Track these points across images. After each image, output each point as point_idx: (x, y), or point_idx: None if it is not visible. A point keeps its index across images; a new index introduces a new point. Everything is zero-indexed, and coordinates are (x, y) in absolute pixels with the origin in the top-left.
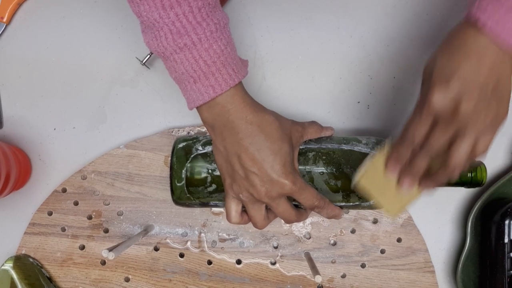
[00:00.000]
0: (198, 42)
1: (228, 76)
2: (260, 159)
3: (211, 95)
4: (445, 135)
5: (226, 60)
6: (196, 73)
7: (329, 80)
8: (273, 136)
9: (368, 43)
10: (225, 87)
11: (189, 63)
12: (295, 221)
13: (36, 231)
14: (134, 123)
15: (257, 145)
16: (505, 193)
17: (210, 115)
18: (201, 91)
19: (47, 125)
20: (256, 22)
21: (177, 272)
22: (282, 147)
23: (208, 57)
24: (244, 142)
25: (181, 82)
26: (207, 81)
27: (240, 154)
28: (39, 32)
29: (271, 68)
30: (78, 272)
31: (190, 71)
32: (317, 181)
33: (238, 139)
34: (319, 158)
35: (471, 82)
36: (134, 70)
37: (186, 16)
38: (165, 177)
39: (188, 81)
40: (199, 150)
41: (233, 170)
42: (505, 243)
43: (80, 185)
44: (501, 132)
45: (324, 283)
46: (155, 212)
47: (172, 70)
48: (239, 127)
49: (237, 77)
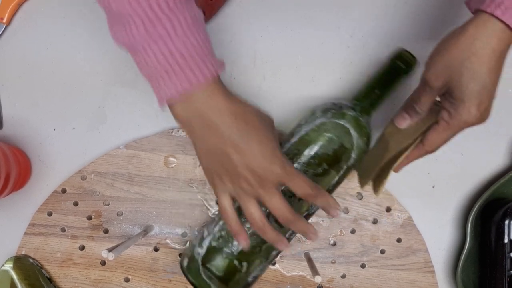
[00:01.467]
0: (174, 34)
1: (206, 69)
2: (247, 150)
3: (187, 88)
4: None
5: (204, 54)
6: (171, 66)
7: (329, 80)
8: (257, 126)
9: (368, 43)
10: (202, 79)
11: (164, 56)
12: (290, 220)
13: (36, 232)
14: (134, 123)
15: (242, 137)
16: (505, 193)
17: (187, 114)
18: (176, 85)
19: (47, 126)
20: (256, 22)
21: (177, 272)
22: (267, 135)
23: (185, 50)
24: (228, 136)
25: (152, 77)
26: (184, 75)
27: (225, 149)
28: (39, 32)
29: (271, 68)
30: (78, 273)
31: (164, 64)
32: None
33: (221, 134)
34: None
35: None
36: (134, 71)
37: (160, 6)
38: (165, 178)
39: (162, 76)
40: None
41: (221, 167)
42: (505, 243)
43: (80, 186)
44: (501, 132)
45: (324, 283)
46: (155, 213)
47: (143, 64)
48: (221, 121)
49: (215, 70)
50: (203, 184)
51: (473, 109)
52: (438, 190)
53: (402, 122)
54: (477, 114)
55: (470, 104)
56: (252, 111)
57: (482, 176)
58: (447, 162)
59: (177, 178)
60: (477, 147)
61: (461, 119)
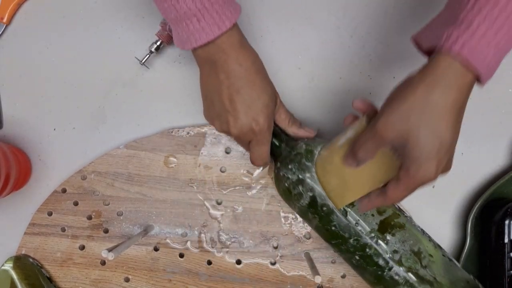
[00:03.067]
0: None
1: (229, 13)
2: (237, 101)
3: (216, 33)
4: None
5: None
6: (200, 11)
7: (329, 80)
8: (256, 84)
9: (368, 43)
10: (228, 24)
11: (193, 2)
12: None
13: (36, 231)
14: (134, 123)
15: (238, 86)
16: (505, 193)
17: (205, 55)
18: (206, 30)
19: (47, 125)
20: (256, 22)
21: (177, 272)
22: (261, 97)
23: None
24: (227, 81)
25: (180, 21)
26: (212, 19)
27: (221, 91)
28: (39, 32)
29: (271, 68)
30: (78, 272)
31: (193, 9)
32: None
33: (223, 77)
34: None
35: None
36: (134, 70)
37: None
38: (165, 177)
39: (191, 20)
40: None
41: (212, 104)
42: (505, 243)
43: (80, 185)
44: (501, 132)
45: (324, 283)
46: (155, 212)
47: (172, 9)
48: (228, 67)
49: (236, 13)
50: (203, 184)
51: (432, 169)
52: (438, 190)
53: (347, 163)
54: (437, 172)
55: (429, 165)
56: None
57: (482, 176)
58: None
59: (177, 178)
60: (477, 147)
61: (419, 178)
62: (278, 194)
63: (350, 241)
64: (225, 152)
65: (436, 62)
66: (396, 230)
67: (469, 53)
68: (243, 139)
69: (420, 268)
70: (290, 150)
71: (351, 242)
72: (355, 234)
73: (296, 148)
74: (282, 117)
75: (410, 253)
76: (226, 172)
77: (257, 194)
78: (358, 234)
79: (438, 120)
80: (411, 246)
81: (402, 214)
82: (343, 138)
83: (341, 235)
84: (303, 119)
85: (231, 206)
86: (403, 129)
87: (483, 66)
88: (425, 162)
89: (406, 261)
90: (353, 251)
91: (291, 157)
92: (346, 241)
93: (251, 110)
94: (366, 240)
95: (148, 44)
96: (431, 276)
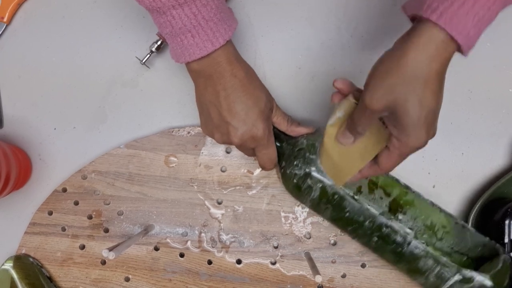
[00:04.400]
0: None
1: (224, 30)
2: (235, 111)
3: (210, 49)
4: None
5: (221, 15)
6: (195, 28)
7: (330, 80)
8: (251, 93)
9: (368, 43)
10: (222, 41)
11: (188, 18)
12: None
13: (36, 231)
14: (134, 123)
15: (234, 98)
16: (505, 193)
17: (199, 68)
18: (199, 46)
19: (47, 125)
20: (256, 22)
21: (177, 272)
22: (257, 104)
23: (206, 12)
24: (224, 93)
25: (176, 37)
26: (206, 35)
27: (218, 103)
28: (39, 32)
29: (271, 68)
30: (78, 272)
31: (188, 26)
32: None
33: (218, 90)
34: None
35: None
36: (134, 70)
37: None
38: (165, 177)
39: (185, 36)
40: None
41: (210, 118)
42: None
43: (81, 185)
44: (501, 132)
45: (324, 283)
46: (155, 212)
47: (167, 25)
48: (223, 79)
49: (231, 30)
50: (203, 184)
51: (423, 135)
52: (439, 190)
53: (345, 140)
54: (426, 138)
55: (419, 131)
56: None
57: (482, 176)
58: (447, 162)
59: (178, 177)
60: (477, 147)
61: (411, 145)
62: (278, 194)
63: (366, 224)
64: (225, 152)
65: (417, 31)
66: (406, 208)
67: (448, 22)
68: (245, 146)
69: (437, 241)
70: (292, 147)
71: (367, 224)
72: (370, 216)
73: (298, 144)
74: (280, 119)
75: (424, 228)
76: (227, 172)
77: (257, 193)
78: (372, 215)
79: (423, 88)
80: (423, 221)
81: (409, 190)
82: (333, 119)
83: (355, 220)
84: (303, 119)
85: (231, 205)
86: (391, 100)
87: (463, 36)
88: (415, 129)
89: (422, 237)
90: (371, 233)
91: (294, 154)
92: (362, 225)
93: (249, 118)
94: (381, 219)
95: (148, 43)
96: (448, 247)
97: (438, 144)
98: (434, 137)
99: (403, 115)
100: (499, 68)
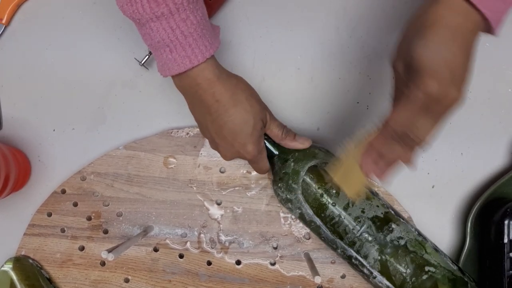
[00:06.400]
0: (176, 12)
1: (204, 47)
2: (222, 135)
3: (187, 65)
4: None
5: (202, 31)
6: (172, 43)
7: (328, 81)
8: (237, 116)
9: (368, 44)
10: (201, 58)
11: (166, 32)
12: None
13: (35, 232)
14: (133, 124)
15: (220, 123)
16: (505, 193)
17: (181, 85)
18: (177, 61)
19: (47, 126)
20: (255, 22)
21: (177, 272)
22: (245, 125)
23: (185, 28)
24: (210, 117)
25: (156, 50)
26: (184, 51)
27: (206, 125)
28: (38, 33)
29: (270, 69)
30: (77, 273)
31: (166, 40)
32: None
33: (205, 112)
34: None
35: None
36: (133, 71)
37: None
38: (164, 178)
39: (164, 50)
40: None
41: (203, 131)
42: (505, 243)
43: (80, 186)
44: (501, 132)
45: (324, 283)
46: (155, 213)
47: (147, 37)
48: (206, 102)
49: (212, 48)
50: (202, 185)
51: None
52: (438, 190)
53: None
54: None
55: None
56: (239, 99)
57: (482, 176)
58: (447, 162)
59: (177, 178)
60: (477, 147)
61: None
62: None
63: (338, 251)
64: None
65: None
66: (399, 222)
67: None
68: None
69: (425, 253)
70: (281, 165)
71: (339, 252)
72: (341, 247)
73: (285, 166)
74: (274, 132)
75: (415, 241)
76: (226, 173)
77: (256, 194)
78: (343, 247)
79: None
80: (415, 236)
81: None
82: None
83: (329, 245)
84: (303, 119)
85: (230, 206)
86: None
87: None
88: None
89: (412, 246)
90: (343, 258)
91: (280, 175)
92: (335, 250)
93: (237, 142)
94: (351, 253)
95: None
96: (436, 261)
97: (437, 144)
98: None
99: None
100: (499, 68)
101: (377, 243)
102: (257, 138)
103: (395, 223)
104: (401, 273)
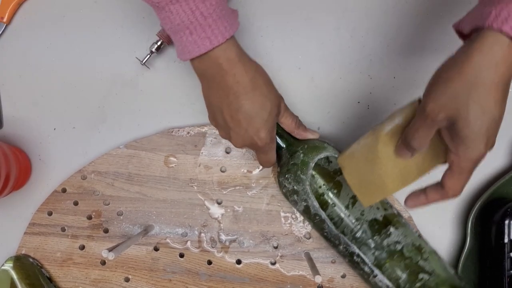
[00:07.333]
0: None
1: (223, 28)
2: (237, 119)
3: (208, 46)
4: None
5: (221, 12)
6: (192, 24)
7: (329, 80)
8: (255, 99)
9: (368, 43)
10: (221, 39)
11: (186, 14)
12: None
13: (36, 231)
14: (134, 123)
15: (237, 105)
16: (505, 193)
17: (201, 67)
18: (198, 43)
19: (47, 125)
20: (256, 22)
21: (177, 272)
22: (261, 111)
23: (204, 9)
24: (227, 99)
25: (176, 33)
26: (204, 32)
27: (221, 108)
28: (39, 32)
29: (271, 68)
30: (78, 272)
31: (186, 22)
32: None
33: (222, 95)
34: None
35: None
36: (134, 70)
37: None
38: (165, 177)
39: (184, 32)
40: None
41: (215, 117)
42: (505, 243)
43: (80, 185)
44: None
45: (324, 283)
46: (155, 212)
47: (167, 21)
48: (226, 83)
49: (232, 29)
50: (203, 184)
51: (482, 145)
52: None
53: (403, 155)
54: (485, 150)
55: (479, 143)
56: (258, 84)
57: (482, 176)
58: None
59: (177, 177)
60: None
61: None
62: (278, 194)
63: (340, 248)
64: (225, 152)
65: (481, 38)
66: (399, 225)
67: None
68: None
69: (420, 260)
70: (289, 156)
71: (341, 248)
72: (344, 243)
73: (294, 157)
74: (287, 121)
75: (412, 246)
76: (227, 172)
77: (257, 194)
78: (346, 243)
79: (486, 96)
80: (413, 241)
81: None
82: (390, 125)
83: (331, 241)
84: (303, 119)
85: (231, 206)
86: (453, 108)
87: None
88: (475, 140)
89: (408, 252)
90: (343, 255)
91: (288, 167)
92: (336, 246)
93: (252, 126)
94: (354, 249)
95: (148, 44)
96: (430, 268)
97: None
98: None
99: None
100: None
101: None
102: (271, 124)
103: (394, 226)
104: (396, 279)
